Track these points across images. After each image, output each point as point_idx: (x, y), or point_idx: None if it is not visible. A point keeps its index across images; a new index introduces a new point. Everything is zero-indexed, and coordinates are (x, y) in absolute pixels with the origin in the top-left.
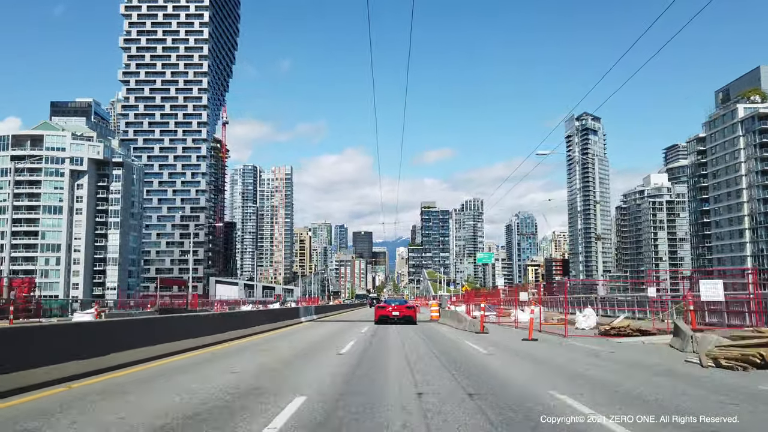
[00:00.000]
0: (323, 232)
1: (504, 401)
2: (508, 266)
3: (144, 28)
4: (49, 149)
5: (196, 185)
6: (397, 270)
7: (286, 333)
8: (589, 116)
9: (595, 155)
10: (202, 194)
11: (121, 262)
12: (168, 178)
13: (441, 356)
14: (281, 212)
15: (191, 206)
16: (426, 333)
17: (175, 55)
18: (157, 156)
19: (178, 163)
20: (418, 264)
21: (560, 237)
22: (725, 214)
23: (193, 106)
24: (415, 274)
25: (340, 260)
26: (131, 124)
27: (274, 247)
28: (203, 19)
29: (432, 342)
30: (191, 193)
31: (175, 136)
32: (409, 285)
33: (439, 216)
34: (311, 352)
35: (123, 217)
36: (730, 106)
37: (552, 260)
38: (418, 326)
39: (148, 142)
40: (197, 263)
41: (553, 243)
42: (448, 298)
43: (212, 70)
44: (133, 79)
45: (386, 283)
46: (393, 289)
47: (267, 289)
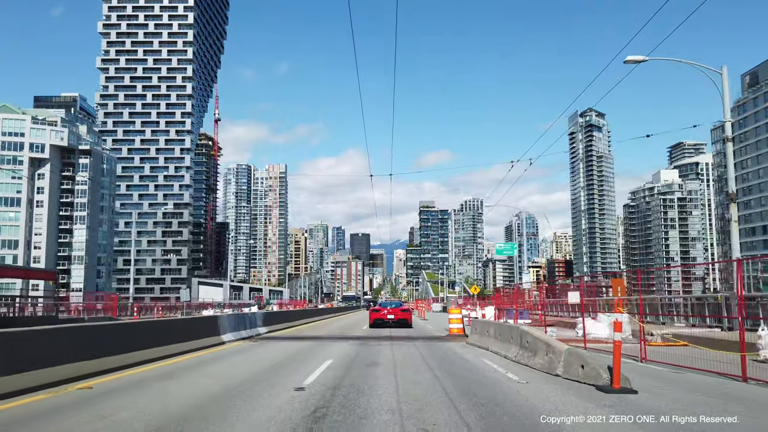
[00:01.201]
0: (319, 233)
1: None
2: (509, 267)
3: (124, 13)
4: (6, 134)
5: (179, 180)
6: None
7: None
8: (593, 112)
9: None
10: (186, 189)
11: (87, 261)
12: (149, 173)
13: None
14: (275, 212)
15: (174, 202)
16: (460, 386)
17: (158, 41)
18: (138, 149)
19: (161, 156)
20: (417, 265)
21: (561, 238)
22: (756, 207)
23: (176, 96)
24: (413, 276)
25: (335, 261)
26: (110, 115)
27: (267, 248)
28: (188, 2)
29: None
30: (174, 188)
31: (157, 127)
32: (408, 287)
33: (438, 216)
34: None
35: (91, 211)
36: (761, 88)
37: (554, 261)
38: (429, 354)
39: (129, 134)
40: (180, 263)
41: (554, 244)
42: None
43: (198, 58)
44: (113, 67)
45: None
46: (391, 292)
47: (254, 290)
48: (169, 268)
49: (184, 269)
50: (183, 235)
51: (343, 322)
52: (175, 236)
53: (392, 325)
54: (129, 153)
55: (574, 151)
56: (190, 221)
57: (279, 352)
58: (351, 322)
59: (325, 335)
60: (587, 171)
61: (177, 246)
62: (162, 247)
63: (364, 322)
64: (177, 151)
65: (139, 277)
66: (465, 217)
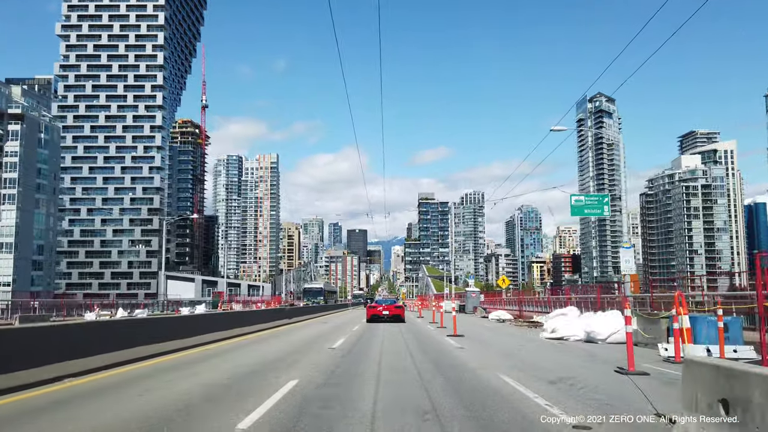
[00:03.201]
0: (315, 228)
1: None
2: (512, 263)
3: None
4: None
5: (149, 161)
6: (393, 268)
7: None
8: (604, 97)
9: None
10: (157, 172)
11: (20, 250)
12: (115, 153)
13: None
14: (266, 204)
15: (143, 186)
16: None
17: (125, 5)
18: (102, 126)
19: (128, 134)
20: (416, 260)
21: (565, 233)
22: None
23: (146, 66)
24: (412, 271)
25: (330, 256)
26: (71, 88)
27: (258, 242)
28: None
29: None
30: (143, 170)
31: (124, 102)
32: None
33: (437, 209)
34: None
35: (23, 189)
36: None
37: (560, 256)
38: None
39: (92, 110)
40: (150, 255)
41: (557, 239)
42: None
43: (171, 24)
44: (74, 34)
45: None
46: (388, 288)
47: (232, 286)
48: (138, 261)
49: (154, 262)
50: (153, 223)
51: (304, 335)
52: (145, 225)
53: (387, 320)
54: (92, 131)
55: (582, 138)
56: (163, 209)
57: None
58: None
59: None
60: (597, 160)
61: (147, 236)
62: (129, 237)
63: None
64: (146, 129)
65: (104, 271)
66: (465, 210)
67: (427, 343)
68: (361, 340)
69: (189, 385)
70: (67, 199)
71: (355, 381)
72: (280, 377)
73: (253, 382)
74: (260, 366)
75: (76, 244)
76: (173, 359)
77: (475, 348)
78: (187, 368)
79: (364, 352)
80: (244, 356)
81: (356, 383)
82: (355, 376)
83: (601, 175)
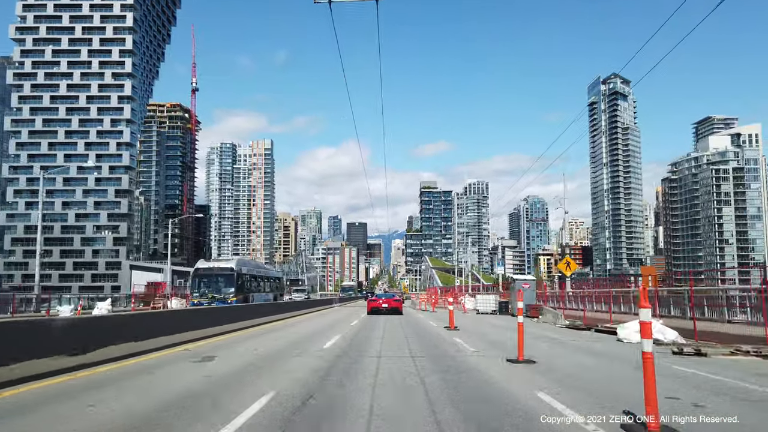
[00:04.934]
0: (313, 220)
1: None
2: (519, 256)
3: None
4: None
5: (116, 137)
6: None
7: None
8: (619, 78)
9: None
10: (125, 149)
11: None
12: (78, 127)
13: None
14: (260, 193)
15: (110, 165)
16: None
17: None
18: (63, 96)
19: (93, 106)
20: (417, 252)
21: (572, 224)
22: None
23: (113, 29)
24: (413, 264)
25: (327, 248)
26: (29, 53)
27: (252, 233)
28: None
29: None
30: (110, 147)
31: (88, 69)
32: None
33: (440, 198)
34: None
35: None
36: None
37: (571, 247)
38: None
39: (52, 78)
40: (118, 243)
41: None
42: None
43: None
44: None
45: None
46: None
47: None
48: (105, 250)
49: (122, 251)
50: (121, 207)
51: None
52: (111, 208)
53: (386, 313)
54: (52, 102)
55: (594, 124)
56: (132, 190)
57: None
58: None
59: None
60: (611, 145)
61: (114, 221)
62: (94, 223)
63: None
64: (114, 100)
65: (65, 261)
66: (469, 201)
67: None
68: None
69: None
70: (23, 179)
71: None
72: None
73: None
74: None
75: (34, 230)
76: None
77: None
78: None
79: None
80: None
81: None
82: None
83: (616, 161)
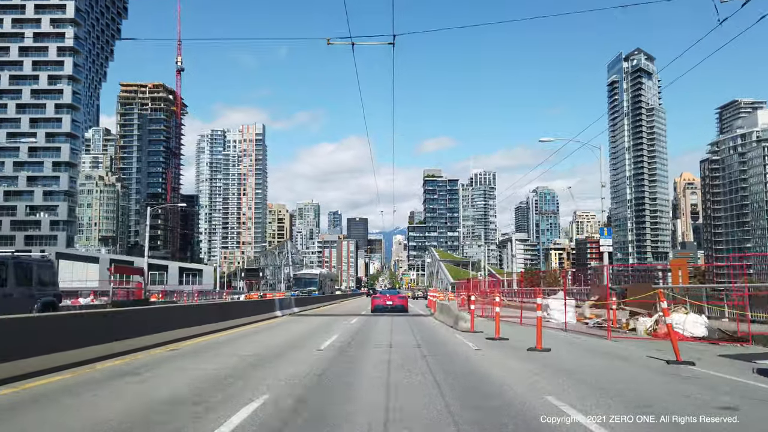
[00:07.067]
0: (310, 213)
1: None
2: (530, 249)
3: None
4: None
5: (55, 97)
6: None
7: None
8: (643, 54)
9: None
10: (66, 113)
11: None
12: (9, 85)
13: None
14: (251, 181)
15: (47, 131)
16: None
17: None
18: None
19: (26, 59)
20: (421, 246)
21: (582, 218)
22: None
23: None
24: (416, 258)
25: (324, 241)
26: None
27: (242, 225)
28: None
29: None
30: (47, 110)
31: (22, 14)
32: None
33: (446, 187)
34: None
35: None
36: None
37: (585, 241)
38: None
39: None
40: (54, 227)
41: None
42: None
43: None
44: None
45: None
46: (390, 278)
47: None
48: (39, 236)
49: (61, 237)
50: (60, 183)
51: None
52: (49, 184)
53: (390, 310)
54: None
55: (615, 105)
56: (76, 163)
57: None
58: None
59: None
60: (635, 127)
61: (50, 200)
62: (28, 203)
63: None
64: (53, 52)
65: None
66: (474, 192)
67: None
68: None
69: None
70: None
71: None
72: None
73: None
74: None
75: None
76: None
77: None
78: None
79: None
80: None
81: None
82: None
83: (639, 145)
